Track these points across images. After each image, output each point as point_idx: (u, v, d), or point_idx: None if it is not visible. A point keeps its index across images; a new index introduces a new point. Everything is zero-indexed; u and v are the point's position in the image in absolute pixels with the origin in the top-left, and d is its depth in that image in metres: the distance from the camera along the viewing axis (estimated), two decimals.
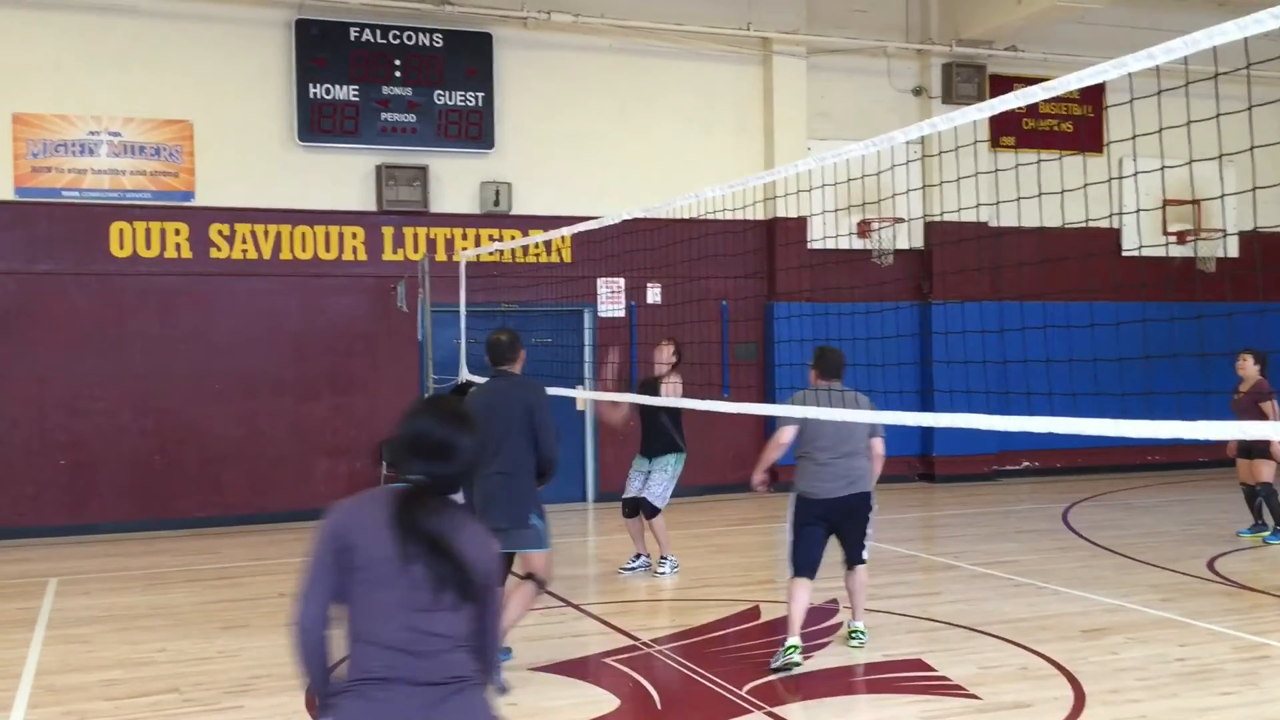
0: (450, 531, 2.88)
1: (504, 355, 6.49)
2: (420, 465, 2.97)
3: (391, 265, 12.66)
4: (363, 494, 3.00)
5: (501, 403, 6.24)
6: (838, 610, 7.64)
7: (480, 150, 12.95)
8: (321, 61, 12.31)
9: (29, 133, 11.48)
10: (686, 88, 13.88)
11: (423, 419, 3.03)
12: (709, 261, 11.21)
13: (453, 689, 2.85)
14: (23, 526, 11.26)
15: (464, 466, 3.01)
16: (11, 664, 6.83)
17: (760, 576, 9.59)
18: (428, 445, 2.98)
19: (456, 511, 2.98)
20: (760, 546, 11.31)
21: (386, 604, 2.84)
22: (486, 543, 3.01)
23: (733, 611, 7.85)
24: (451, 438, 2.98)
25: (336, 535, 2.91)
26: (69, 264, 11.63)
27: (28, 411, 11.43)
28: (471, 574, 2.87)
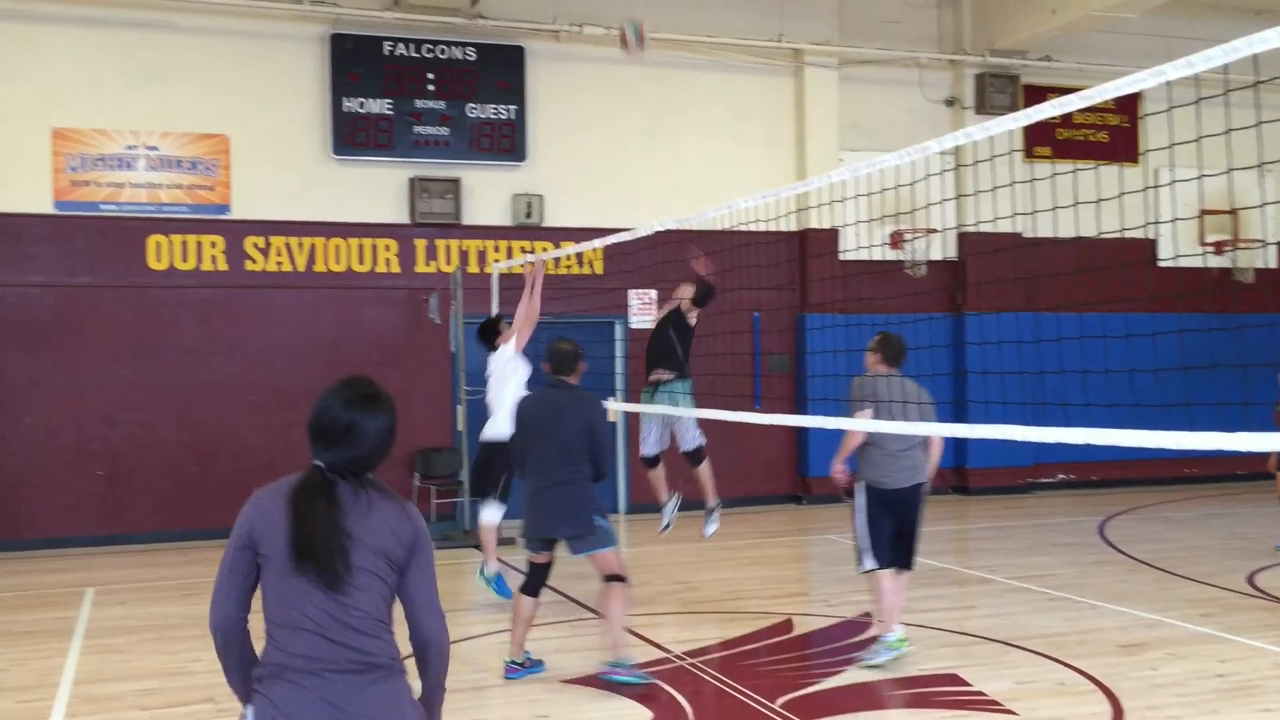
0: (353, 516, 2.83)
1: (567, 365, 6.50)
2: (321, 449, 2.92)
3: (424, 277, 12.73)
4: (277, 482, 2.94)
5: (562, 415, 6.32)
6: (870, 624, 7.58)
7: (512, 163, 13.00)
8: (356, 75, 12.41)
9: (68, 147, 11.63)
10: (717, 99, 13.89)
11: (327, 400, 2.97)
12: (740, 273, 11.18)
13: (374, 676, 2.82)
14: (61, 537, 11.38)
15: (370, 450, 2.94)
16: (49, 673, 6.89)
17: (793, 589, 9.55)
18: (331, 429, 2.92)
19: (367, 493, 2.91)
20: (792, 559, 11.26)
21: (298, 590, 2.80)
22: (402, 520, 2.92)
23: (765, 624, 7.80)
24: (356, 421, 2.92)
25: (244, 528, 2.89)
26: (107, 276, 11.76)
27: (66, 422, 11.56)
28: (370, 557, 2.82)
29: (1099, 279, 9.95)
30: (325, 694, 2.76)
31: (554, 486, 6.25)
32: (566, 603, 8.48)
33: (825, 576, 10.16)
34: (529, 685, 6.45)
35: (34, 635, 7.98)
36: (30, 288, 11.51)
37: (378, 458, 2.97)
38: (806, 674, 6.66)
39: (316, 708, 2.75)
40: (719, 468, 9.32)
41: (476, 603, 9.54)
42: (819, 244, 13.85)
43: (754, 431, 10.31)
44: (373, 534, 2.85)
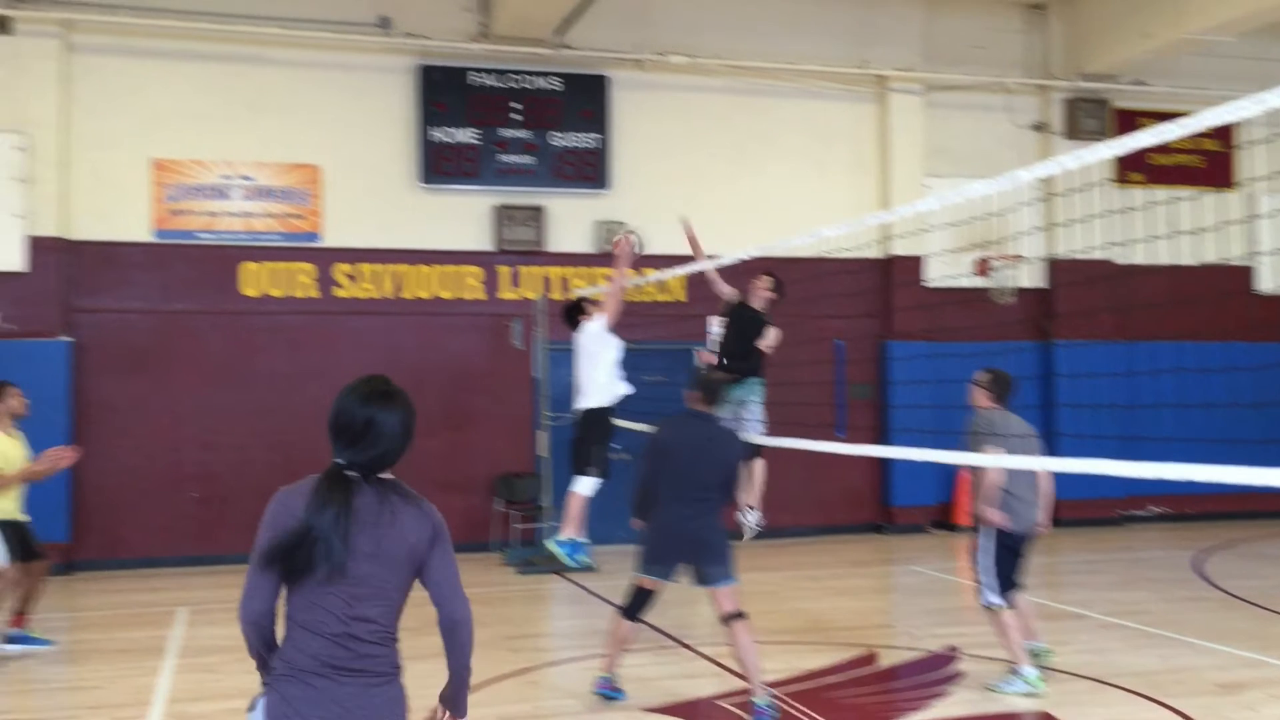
0: (374, 523, 2.92)
1: (717, 396, 6.48)
2: (341, 447, 3.00)
3: (508, 304, 12.87)
4: (301, 480, 3.03)
5: (710, 447, 6.33)
6: (956, 657, 7.44)
7: (596, 190, 13.10)
8: (443, 105, 12.63)
9: (167, 178, 12.00)
10: (801, 126, 13.86)
11: (346, 399, 3.04)
12: (824, 300, 11.13)
13: (378, 681, 2.98)
14: (156, 557, 11.67)
15: (388, 447, 3.01)
16: (143, 691, 7.06)
17: (876, 620, 9.41)
18: (350, 426, 3.00)
19: (388, 498, 2.99)
20: (875, 590, 11.10)
21: (319, 595, 2.92)
22: (422, 521, 3.02)
23: (848, 656, 7.70)
24: (374, 417, 2.99)
25: (274, 521, 2.98)
26: (202, 303, 12.08)
27: (162, 445, 11.86)
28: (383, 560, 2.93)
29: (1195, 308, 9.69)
30: (334, 695, 2.92)
31: (694, 516, 6.25)
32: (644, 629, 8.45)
33: (910, 608, 10.00)
34: (612, 714, 6.44)
35: (129, 653, 8.18)
36: (130, 314, 11.87)
37: (396, 454, 3.05)
38: (890, 707, 6.55)
39: (325, 707, 2.91)
40: (799, 496, 9.25)
41: (560, 629, 9.57)
42: (903, 271, 13.72)
43: (836, 460, 10.19)
44: (393, 539, 2.96)
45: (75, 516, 11.42)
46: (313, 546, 2.89)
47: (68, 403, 11.35)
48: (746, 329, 8.31)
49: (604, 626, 8.69)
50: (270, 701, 2.96)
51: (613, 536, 10.86)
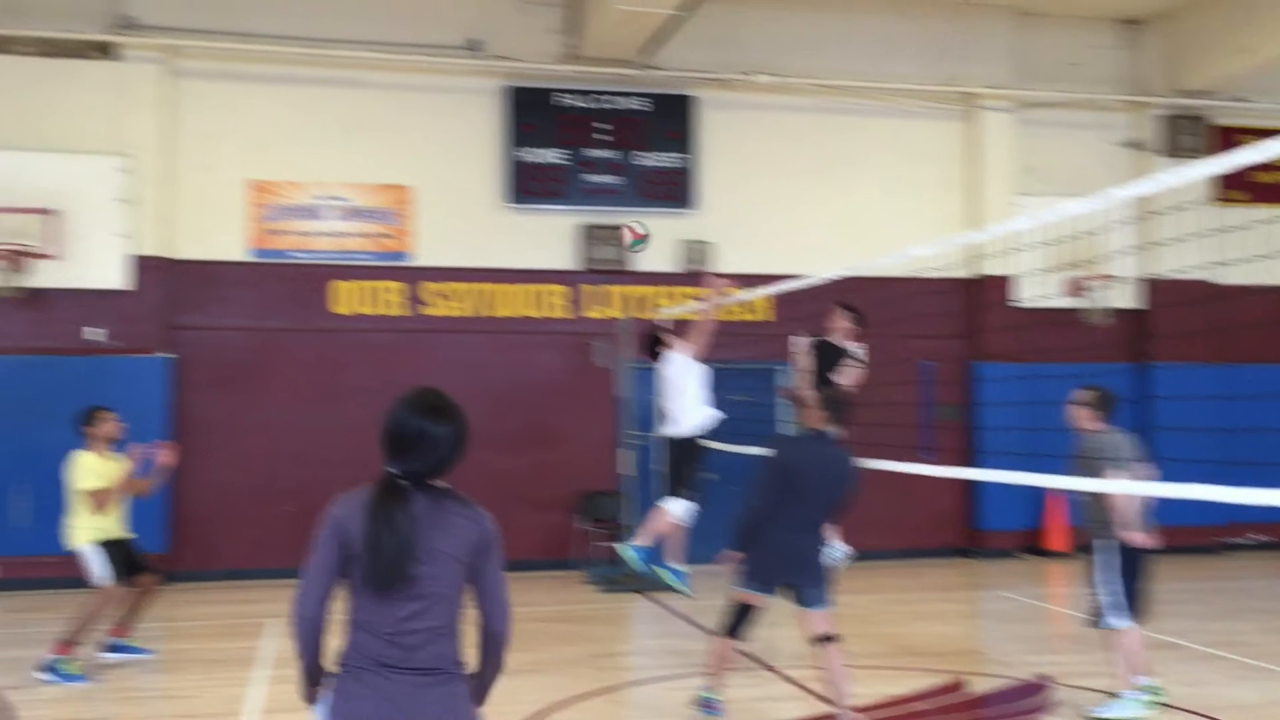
0: (426, 524, 3.00)
1: (846, 417, 6.36)
2: (394, 457, 3.09)
3: (592, 323, 12.94)
4: (357, 489, 3.11)
5: (835, 469, 6.27)
6: (1050, 686, 7.26)
7: (681, 210, 13.13)
8: (530, 126, 12.78)
9: (263, 198, 12.31)
10: (887, 145, 13.76)
11: (399, 410, 3.14)
12: (911, 321, 10.99)
13: (436, 679, 3.02)
14: (248, 569, 11.91)
15: (439, 458, 3.10)
16: (233, 701, 7.20)
17: (964, 646, 9.24)
18: (403, 437, 3.09)
19: (441, 501, 3.08)
20: (964, 616, 10.90)
21: (376, 595, 3.00)
22: (474, 527, 3.09)
23: (934, 683, 7.56)
24: (426, 429, 3.09)
25: (334, 527, 3.07)
26: (295, 320, 12.35)
27: (256, 459, 12.13)
28: (438, 563, 2.99)
29: None
30: (389, 693, 2.99)
31: (806, 537, 6.22)
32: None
33: (1000, 635, 9.80)
34: None
35: (220, 663, 8.36)
36: (226, 331, 12.18)
37: (447, 464, 3.14)
38: None
39: (380, 705, 2.98)
40: (885, 518, 9.14)
41: (643, 648, 9.56)
42: (993, 291, 13.50)
43: (922, 482, 10.05)
44: (447, 542, 3.04)
45: (174, 529, 11.72)
46: (369, 551, 2.98)
47: (168, 418, 11.66)
48: (828, 366, 8.32)
49: (686, 645, 8.68)
50: (330, 699, 3.07)
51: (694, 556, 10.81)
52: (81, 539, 7.99)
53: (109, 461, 8.09)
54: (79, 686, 7.58)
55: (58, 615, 8.20)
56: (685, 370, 8.56)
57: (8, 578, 11.15)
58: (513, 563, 12.72)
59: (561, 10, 12.80)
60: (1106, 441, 6.67)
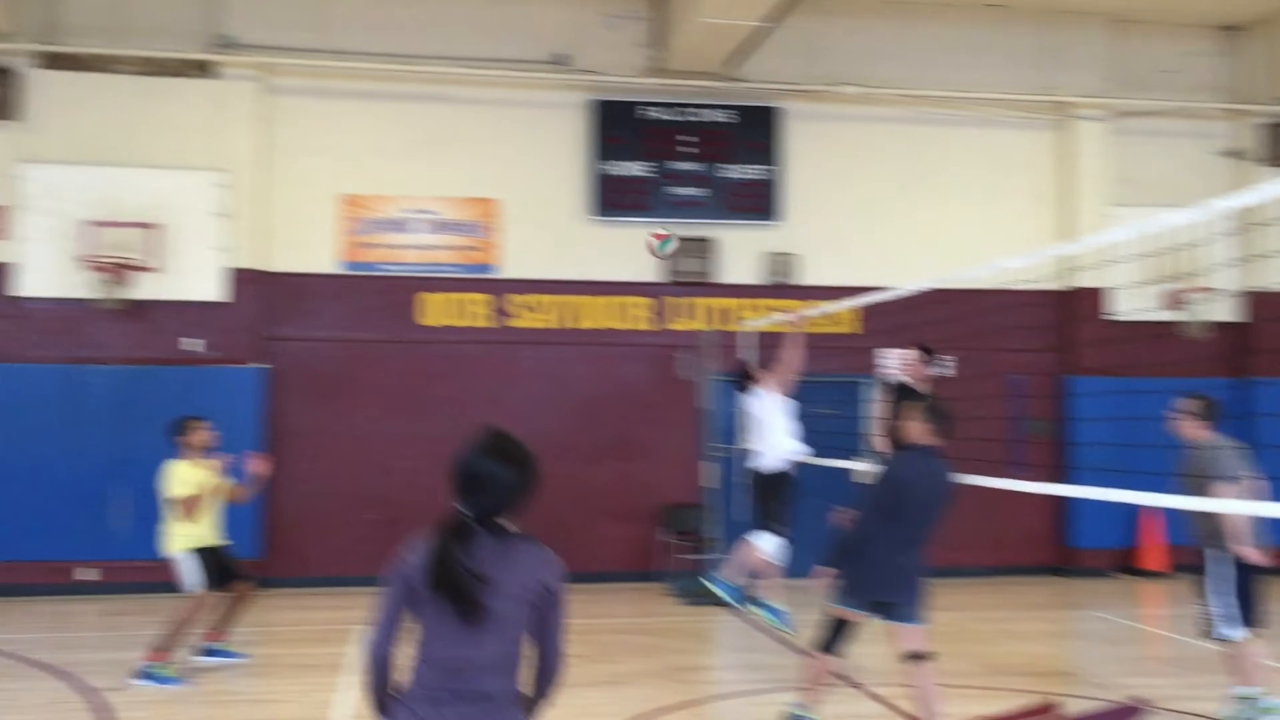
0: (489, 560, 3.07)
1: (947, 427, 6.23)
2: (461, 495, 3.16)
3: (676, 335, 12.94)
4: (427, 528, 3.19)
5: (944, 484, 6.19)
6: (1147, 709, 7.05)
7: (766, 222, 13.08)
8: (615, 139, 12.84)
9: (354, 212, 12.55)
10: (975, 155, 13.56)
11: (467, 451, 3.21)
12: (1001, 334, 10.79)
13: (491, 707, 3.09)
14: (337, 576, 12.10)
15: (504, 498, 3.17)
16: (320, 706, 7.33)
17: (1054, 666, 9.03)
18: (470, 477, 3.16)
19: (506, 540, 3.15)
20: (1055, 635, 10.66)
21: (442, 629, 3.09)
22: (540, 566, 3.17)
23: (1026, 703, 7.38)
24: (492, 471, 3.16)
25: (401, 567, 3.17)
26: (384, 332, 12.55)
27: (345, 468, 12.34)
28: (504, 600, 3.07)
29: None
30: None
31: (913, 553, 6.13)
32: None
33: (1092, 656, 9.55)
34: None
35: (310, 669, 8.50)
36: (317, 342, 12.42)
37: (514, 505, 3.21)
38: None
39: None
40: (973, 535, 8.97)
41: (726, 662, 9.51)
42: (1086, 304, 13.21)
43: (1011, 499, 9.85)
44: (511, 579, 3.10)
45: (267, 535, 11.96)
46: (433, 586, 3.08)
47: (261, 427, 11.92)
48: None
49: (769, 660, 8.61)
50: None
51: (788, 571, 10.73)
52: (176, 546, 8.19)
53: (201, 470, 8.29)
54: (173, 690, 7.76)
55: (155, 618, 8.42)
56: (771, 406, 8.64)
57: (107, 581, 11.48)
58: (595, 574, 12.92)
59: (647, 24, 12.86)
60: (1214, 452, 6.47)
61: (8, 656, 8.75)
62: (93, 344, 11.71)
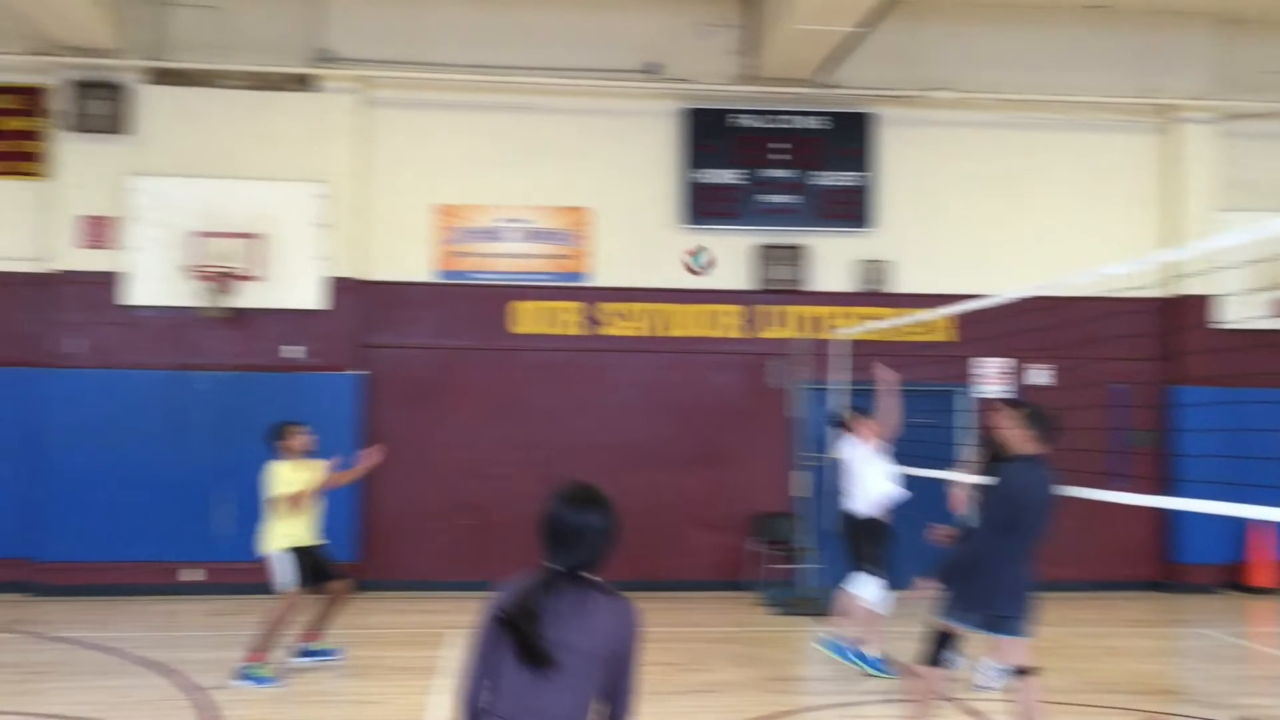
0: (570, 617, 3.09)
1: (1052, 433, 6.10)
2: (550, 551, 3.19)
3: (767, 343, 12.87)
4: (518, 577, 3.22)
5: (1049, 494, 6.06)
6: None
7: (859, 229, 12.96)
8: (706, 147, 12.83)
9: (448, 221, 12.74)
10: (1075, 160, 13.27)
11: (555, 506, 3.23)
12: (1101, 343, 10.53)
13: None
14: (431, 580, 12.28)
15: (593, 551, 3.19)
16: (415, 708, 7.44)
17: (1158, 684, 8.77)
18: (560, 532, 3.19)
19: (588, 594, 3.16)
20: (1158, 652, 10.36)
21: (509, 679, 3.11)
22: (618, 624, 3.16)
23: None
24: (582, 524, 3.18)
25: (487, 618, 3.20)
26: (477, 339, 12.71)
27: (439, 474, 12.51)
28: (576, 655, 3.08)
29: None
30: None
31: (1024, 565, 6.01)
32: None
33: (1197, 674, 9.27)
34: None
35: (404, 671, 8.63)
36: (412, 349, 12.62)
37: (600, 556, 3.24)
38: None
39: None
40: (1072, 548, 8.77)
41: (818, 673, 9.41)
42: (1192, 312, 12.83)
43: (1112, 512, 9.61)
44: (589, 636, 3.12)
45: (363, 539, 12.19)
46: (514, 637, 3.11)
47: (358, 432, 12.15)
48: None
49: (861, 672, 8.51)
50: None
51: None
52: (274, 545, 8.38)
53: (299, 468, 8.49)
54: (271, 689, 7.94)
55: (256, 619, 8.62)
56: (865, 454, 8.62)
57: (210, 582, 11.80)
58: (685, 582, 12.90)
59: (739, 31, 12.84)
60: None
61: (118, 654, 9.05)
62: (198, 351, 12.07)
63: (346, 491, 10.73)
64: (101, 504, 11.76)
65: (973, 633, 6.17)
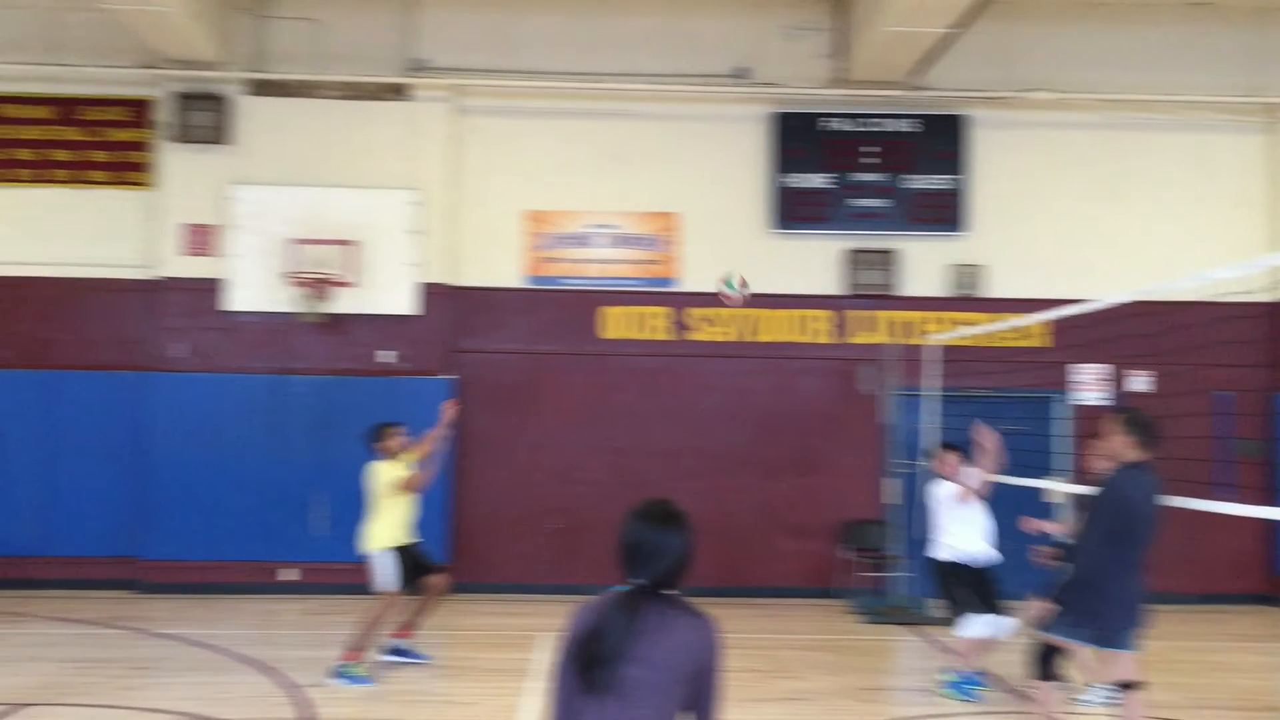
0: (651, 635, 3.06)
1: (1154, 438, 5.95)
2: (630, 569, 3.17)
3: (857, 348, 12.74)
4: (597, 597, 3.19)
5: (1156, 501, 5.92)
6: None
7: (951, 232, 12.76)
8: (795, 151, 12.76)
9: (539, 227, 12.85)
10: (1177, 161, 12.91)
11: (634, 523, 3.22)
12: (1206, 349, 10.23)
13: None
14: (519, 583, 12.39)
15: (672, 566, 3.18)
16: (508, 710, 7.50)
17: (1266, 701, 8.48)
18: (640, 549, 3.17)
19: (669, 611, 3.13)
20: (1266, 668, 10.02)
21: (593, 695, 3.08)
22: (697, 641, 3.13)
23: None
24: (661, 540, 3.18)
25: (568, 637, 3.18)
26: (566, 345, 12.79)
27: (528, 478, 12.62)
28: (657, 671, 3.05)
29: None
30: None
31: (1132, 575, 5.88)
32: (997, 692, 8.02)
33: None
34: None
35: (496, 673, 8.71)
36: (503, 354, 12.75)
37: (679, 572, 3.22)
38: None
39: None
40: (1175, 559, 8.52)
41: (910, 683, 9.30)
42: None
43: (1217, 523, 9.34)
44: (668, 652, 3.09)
45: (453, 541, 12.34)
46: (593, 651, 3.10)
47: (449, 435, 12.29)
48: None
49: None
50: None
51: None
52: (376, 544, 8.53)
53: (396, 465, 8.66)
54: (366, 688, 8.08)
55: (350, 619, 8.78)
56: (947, 500, 8.45)
57: (306, 582, 12.05)
58: (773, 589, 12.83)
59: (829, 34, 12.75)
60: None
61: (218, 651, 9.28)
62: (295, 355, 12.33)
63: (437, 494, 10.87)
64: (203, 504, 12.09)
65: (1082, 648, 6.02)
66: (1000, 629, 8.14)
